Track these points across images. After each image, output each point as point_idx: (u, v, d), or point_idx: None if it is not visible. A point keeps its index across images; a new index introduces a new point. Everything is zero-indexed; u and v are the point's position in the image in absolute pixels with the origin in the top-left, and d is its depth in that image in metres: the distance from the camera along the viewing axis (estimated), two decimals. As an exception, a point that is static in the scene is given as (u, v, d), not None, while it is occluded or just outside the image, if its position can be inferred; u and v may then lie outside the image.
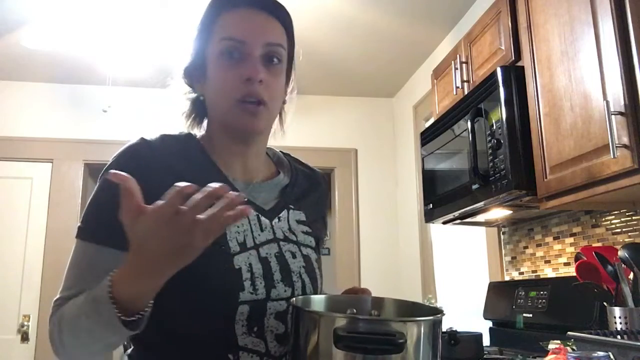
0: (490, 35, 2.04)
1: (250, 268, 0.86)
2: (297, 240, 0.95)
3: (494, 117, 1.81)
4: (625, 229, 1.75)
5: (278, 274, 0.89)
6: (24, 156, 3.69)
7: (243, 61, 0.89)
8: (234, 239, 0.87)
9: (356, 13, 2.92)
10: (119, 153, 0.89)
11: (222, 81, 0.90)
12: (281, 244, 0.92)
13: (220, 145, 0.95)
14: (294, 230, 0.96)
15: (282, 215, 0.96)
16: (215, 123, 0.96)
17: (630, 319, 1.38)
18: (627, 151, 1.30)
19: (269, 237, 0.91)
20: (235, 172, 0.95)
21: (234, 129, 0.92)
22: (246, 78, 0.88)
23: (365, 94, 4.07)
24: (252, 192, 0.94)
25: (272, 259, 0.89)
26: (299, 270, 0.92)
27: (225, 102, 0.90)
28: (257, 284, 0.85)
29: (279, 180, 1.00)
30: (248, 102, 0.88)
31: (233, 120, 0.90)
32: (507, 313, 2.18)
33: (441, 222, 2.34)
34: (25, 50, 3.31)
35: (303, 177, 1.06)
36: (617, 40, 1.35)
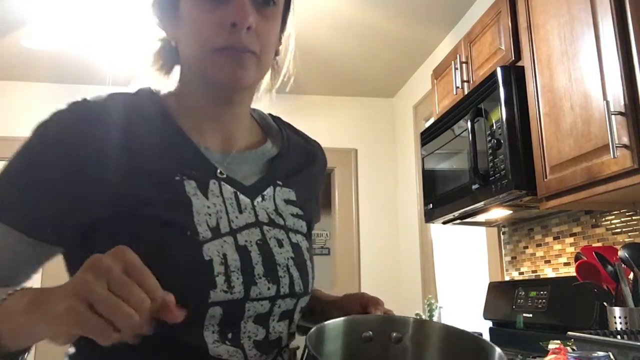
0: (490, 35, 2.04)
1: (225, 260, 0.67)
2: (285, 225, 0.77)
3: (494, 117, 1.81)
4: (625, 229, 1.75)
5: (260, 267, 0.70)
6: (24, 156, 3.69)
7: (224, 3, 0.70)
8: (204, 222, 0.68)
9: (356, 13, 2.92)
10: (48, 118, 0.69)
11: (198, 25, 0.71)
12: (265, 229, 0.73)
13: (193, 105, 0.76)
14: (282, 212, 0.77)
15: (266, 193, 0.77)
16: (187, 76, 0.77)
17: (630, 319, 1.38)
18: (627, 151, 1.30)
19: (249, 221, 0.72)
20: (210, 139, 0.76)
21: (213, 84, 0.73)
22: (231, 23, 0.69)
23: (365, 94, 4.07)
24: (230, 164, 0.76)
25: (253, 248, 0.71)
26: (286, 262, 0.73)
27: (201, 51, 0.71)
28: (233, 280, 0.67)
29: (266, 150, 0.81)
30: (231, 50, 0.70)
31: (212, 72, 0.71)
32: (507, 313, 2.18)
33: (441, 222, 2.34)
34: (25, 50, 3.31)
35: (297, 147, 0.87)
36: (617, 40, 1.35)
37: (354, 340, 0.63)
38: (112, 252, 0.53)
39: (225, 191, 0.72)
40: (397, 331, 0.67)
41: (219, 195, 0.71)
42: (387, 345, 0.65)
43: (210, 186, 0.71)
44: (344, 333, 0.64)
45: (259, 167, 0.79)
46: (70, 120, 0.69)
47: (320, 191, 0.92)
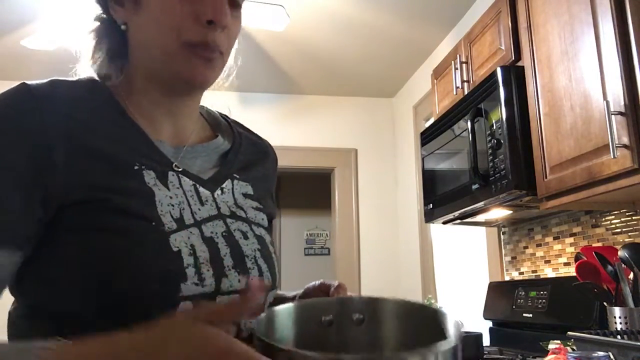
0: (490, 35, 2.04)
1: (193, 251, 0.63)
2: (247, 217, 0.74)
3: (494, 117, 1.81)
4: (625, 229, 1.75)
5: (229, 259, 0.67)
6: (24, 156, 3.69)
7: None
8: (168, 213, 0.64)
9: (356, 13, 2.92)
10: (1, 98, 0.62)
11: (171, 15, 0.66)
12: (228, 221, 0.71)
13: (145, 96, 0.72)
14: (241, 205, 0.75)
15: (225, 186, 0.74)
16: (142, 67, 0.71)
17: (630, 319, 1.38)
18: (627, 151, 1.30)
19: (212, 213, 0.69)
20: (162, 133, 0.72)
21: (176, 79, 0.69)
22: (208, 20, 0.66)
23: (365, 94, 4.07)
24: (184, 158, 0.72)
25: (220, 240, 0.68)
26: (253, 254, 0.71)
27: (168, 42, 0.67)
28: (204, 272, 0.63)
29: (218, 145, 0.78)
30: (202, 49, 0.67)
31: (176, 67, 0.68)
32: (507, 313, 2.18)
33: (441, 222, 2.34)
34: (25, 50, 3.31)
35: (248, 143, 0.84)
36: (617, 40, 1.35)
37: (308, 325, 0.59)
38: None
39: (184, 183, 0.69)
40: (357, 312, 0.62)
41: (179, 187, 0.68)
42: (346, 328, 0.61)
43: (170, 177, 0.68)
44: (297, 319, 0.59)
45: (212, 161, 0.76)
46: (12, 102, 0.62)
47: (274, 188, 0.89)
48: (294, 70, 3.60)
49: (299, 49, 3.26)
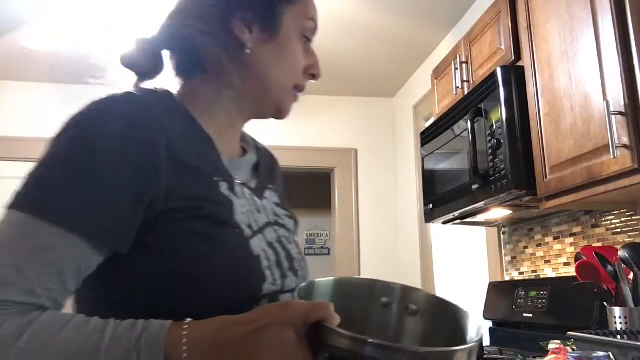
0: (490, 35, 2.04)
1: (267, 255, 0.71)
2: (285, 225, 0.81)
3: (494, 117, 1.81)
4: (625, 229, 1.75)
5: (285, 262, 0.74)
6: (24, 156, 3.68)
7: (310, 52, 0.84)
8: (243, 221, 0.70)
9: (356, 13, 2.92)
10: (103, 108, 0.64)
11: (296, 60, 0.80)
12: (275, 228, 0.78)
13: (223, 111, 0.78)
14: (278, 213, 0.82)
15: (266, 195, 0.81)
16: (244, 89, 0.77)
17: (630, 319, 1.38)
18: (627, 151, 1.30)
19: (265, 221, 0.76)
20: (223, 146, 0.77)
21: (274, 108, 0.81)
22: (314, 74, 0.83)
23: (365, 94, 4.07)
24: (233, 170, 0.77)
25: (277, 245, 0.75)
26: (297, 257, 0.78)
27: (286, 82, 0.80)
28: (275, 273, 0.71)
29: (250, 158, 0.85)
30: (299, 91, 0.82)
31: (280, 100, 0.80)
32: (507, 313, 2.18)
33: (441, 222, 2.34)
34: (25, 50, 3.31)
35: (265, 155, 0.91)
36: (617, 40, 1.35)
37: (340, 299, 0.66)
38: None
39: (246, 193, 0.75)
40: (386, 296, 0.71)
41: (244, 196, 0.74)
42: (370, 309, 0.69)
43: (236, 187, 0.74)
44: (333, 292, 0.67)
45: (249, 173, 0.82)
46: (128, 111, 0.65)
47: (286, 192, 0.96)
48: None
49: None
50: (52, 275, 0.57)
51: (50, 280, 0.57)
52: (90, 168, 0.60)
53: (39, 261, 0.56)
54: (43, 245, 0.57)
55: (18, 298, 0.54)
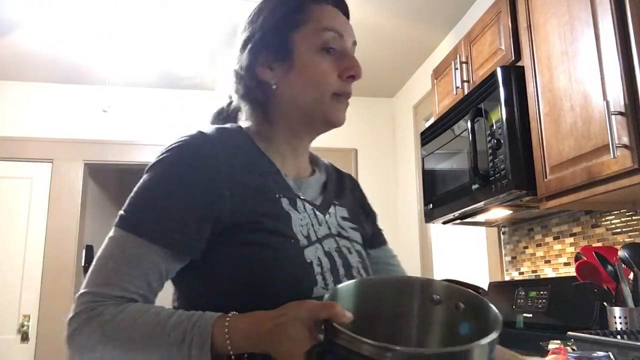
0: (490, 35, 2.04)
1: (320, 262, 0.82)
2: (349, 237, 0.93)
3: (494, 117, 1.81)
4: (625, 229, 1.75)
5: (342, 269, 0.85)
6: (24, 156, 3.69)
7: (341, 56, 0.88)
8: (299, 232, 0.83)
9: (356, 13, 2.91)
10: (178, 147, 0.81)
11: (320, 73, 0.87)
12: (337, 239, 0.89)
13: (282, 138, 0.91)
14: (343, 226, 0.93)
15: (330, 211, 0.93)
16: (286, 115, 0.90)
17: (630, 319, 1.38)
18: (627, 151, 1.30)
19: (326, 232, 0.88)
20: (288, 168, 0.91)
21: (320, 120, 0.89)
22: (349, 75, 0.88)
23: (365, 94, 4.07)
24: (301, 188, 0.91)
25: (335, 254, 0.86)
26: (357, 265, 0.89)
27: (319, 93, 0.87)
28: (327, 279, 0.81)
29: (318, 177, 0.98)
30: (344, 96, 0.89)
31: (325, 112, 0.88)
32: (507, 313, 2.18)
33: (441, 222, 2.34)
34: (25, 50, 3.31)
35: (333, 174, 1.04)
36: (617, 40, 1.35)
37: (365, 300, 0.71)
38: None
39: (307, 208, 0.87)
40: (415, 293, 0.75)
41: (305, 211, 0.86)
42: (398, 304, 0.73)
43: (298, 203, 0.86)
44: (356, 294, 0.71)
45: (317, 190, 0.95)
46: (193, 149, 0.80)
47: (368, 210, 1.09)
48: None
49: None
50: (140, 276, 0.75)
51: (139, 280, 0.75)
52: (166, 193, 0.78)
53: (131, 266, 0.75)
54: (133, 253, 0.75)
55: (116, 293, 0.73)
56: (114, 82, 3.53)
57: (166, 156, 0.80)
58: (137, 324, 0.71)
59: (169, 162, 0.80)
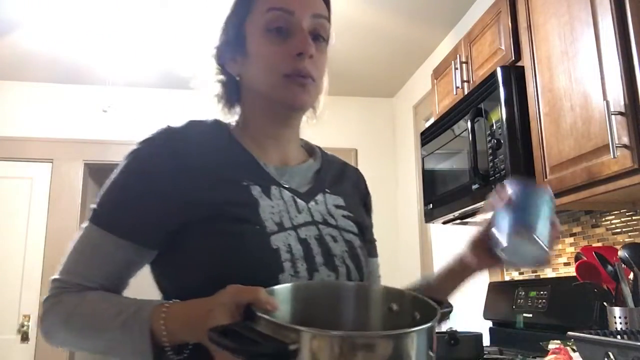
0: (490, 35, 2.04)
1: (290, 249, 0.79)
2: (338, 225, 0.89)
3: (494, 117, 1.81)
4: (625, 229, 1.75)
5: (320, 257, 0.82)
6: (24, 156, 3.69)
7: (292, 34, 0.84)
8: (269, 219, 0.80)
9: (356, 13, 2.92)
10: (143, 142, 0.83)
11: (268, 55, 0.84)
12: (320, 227, 0.86)
13: (256, 128, 0.90)
14: (333, 214, 0.90)
15: (318, 198, 0.90)
16: (253, 104, 0.90)
17: (630, 319, 1.38)
18: (627, 151, 1.30)
19: (307, 220, 0.85)
20: (270, 157, 0.89)
21: (280, 105, 0.86)
22: (297, 53, 0.83)
23: (365, 94, 4.07)
24: (285, 176, 0.89)
25: (312, 241, 0.83)
26: (342, 254, 0.85)
27: (271, 77, 0.84)
28: (299, 267, 0.78)
29: (310, 165, 0.95)
30: (297, 76, 0.84)
31: (280, 95, 0.85)
32: (507, 313, 2.18)
33: (441, 222, 2.34)
34: (25, 50, 3.31)
35: (334, 164, 1.02)
36: (617, 40, 1.35)
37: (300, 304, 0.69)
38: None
39: (284, 195, 0.85)
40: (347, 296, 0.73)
41: (280, 198, 0.84)
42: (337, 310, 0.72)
43: (272, 190, 0.84)
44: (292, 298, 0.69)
45: (307, 179, 0.92)
46: (158, 142, 0.82)
47: (367, 204, 1.06)
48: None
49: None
50: (99, 266, 0.79)
51: (97, 269, 0.79)
52: (127, 187, 0.81)
53: (90, 256, 0.80)
54: (94, 244, 0.79)
55: (77, 281, 0.79)
56: (114, 82, 3.53)
57: (132, 151, 0.83)
58: (91, 311, 0.76)
59: (133, 157, 0.82)
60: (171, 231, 0.79)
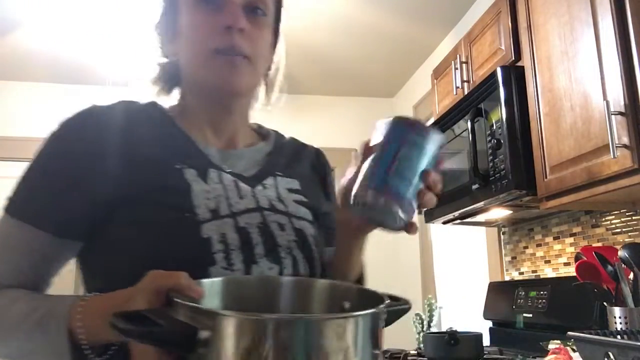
0: (490, 35, 2.04)
1: (224, 239, 0.70)
2: (288, 211, 0.79)
3: (494, 117, 1.81)
4: (625, 229, 1.75)
5: (261, 247, 0.73)
6: (24, 156, 3.68)
7: (221, 8, 0.75)
8: (203, 205, 0.71)
9: (356, 13, 2.92)
10: (62, 122, 0.75)
11: (195, 31, 0.76)
12: (266, 213, 0.76)
13: (194, 114, 0.81)
14: (284, 199, 0.80)
15: (267, 182, 0.81)
16: (189, 88, 0.82)
17: (630, 319, 1.38)
18: (627, 151, 1.30)
19: (250, 206, 0.76)
20: (210, 140, 0.81)
21: (211, 87, 0.77)
22: (225, 26, 0.74)
23: (365, 94, 4.07)
24: (230, 159, 0.81)
25: (254, 230, 0.73)
26: (288, 244, 0.76)
27: (199, 54, 0.76)
28: (233, 258, 0.70)
29: (260, 148, 0.86)
30: (226, 53, 0.75)
31: (209, 76, 0.76)
32: (507, 313, 2.18)
33: (441, 222, 2.34)
34: (26, 50, 3.31)
35: (290, 146, 0.92)
36: (617, 40, 1.35)
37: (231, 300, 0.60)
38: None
39: (225, 179, 0.76)
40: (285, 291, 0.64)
41: (218, 182, 0.75)
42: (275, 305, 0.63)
43: (210, 174, 0.75)
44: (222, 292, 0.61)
45: (256, 162, 0.83)
46: (79, 122, 0.74)
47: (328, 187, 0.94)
48: (293, 70, 3.59)
49: (299, 49, 3.25)
50: (12, 261, 0.71)
51: (12, 264, 0.71)
52: (42, 172, 0.73)
53: (4, 249, 0.71)
54: (8, 235, 0.71)
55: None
56: (114, 82, 3.53)
57: (50, 133, 0.74)
58: (7, 311, 0.67)
59: (50, 140, 0.74)
60: (93, 219, 0.71)
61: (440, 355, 1.90)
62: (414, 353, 2.14)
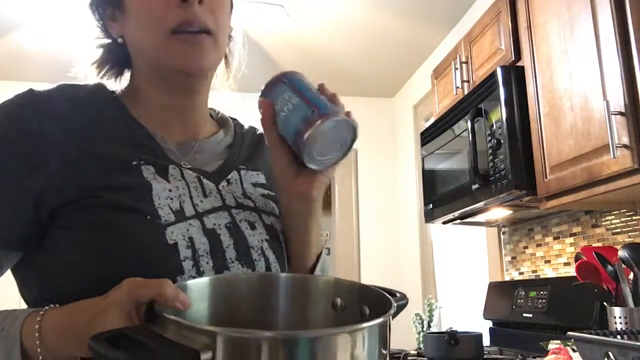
0: (490, 35, 2.04)
1: (192, 243, 0.63)
2: (256, 207, 0.73)
3: (494, 117, 1.81)
4: (625, 229, 1.75)
5: (232, 251, 0.66)
6: (24, 156, 3.69)
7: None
8: (166, 205, 0.63)
9: (356, 13, 2.92)
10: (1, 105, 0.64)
11: (147, 8, 0.66)
12: (233, 212, 0.69)
13: (148, 98, 0.72)
14: (250, 195, 0.74)
15: (231, 177, 0.74)
16: (140, 70, 0.72)
17: (630, 319, 1.38)
18: (627, 151, 1.30)
19: (215, 204, 0.68)
20: (168, 130, 0.72)
21: (170, 70, 0.68)
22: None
23: (365, 94, 4.07)
24: (190, 152, 0.73)
25: (223, 232, 0.66)
26: (260, 244, 0.69)
27: (154, 34, 0.66)
28: (203, 265, 0.62)
29: (219, 139, 0.77)
30: (187, 31, 0.65)
31: (166, 58, 0.67)
32: (507, 313, 2.18)
33: (441, 222, 2.34)
34: (25, 50, 3.31)
35: (250, 135, 0.83)
36: (617, 40, 1.35)
37: (221, 301, 0.56)
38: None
39: (187, 176, 0.69)
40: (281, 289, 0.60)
41: (180, 179, 0.67)
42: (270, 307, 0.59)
43: (170, 170, 0.68)
44: (211, 294, 0.56)
45: (217, 155, 0.76)
46: (16, 111, 0.64)
47: None
48: (294, 70, 3.59)
49: (299, 49, 3.26)
50: None
51: None
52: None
53: None
54: None
55: None
56: (114, 82, 3.53)
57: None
58: None
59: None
60: (33, 225, 0.61)
61: (440, 355, 1.90)
62: (414, 353, 2.14)
